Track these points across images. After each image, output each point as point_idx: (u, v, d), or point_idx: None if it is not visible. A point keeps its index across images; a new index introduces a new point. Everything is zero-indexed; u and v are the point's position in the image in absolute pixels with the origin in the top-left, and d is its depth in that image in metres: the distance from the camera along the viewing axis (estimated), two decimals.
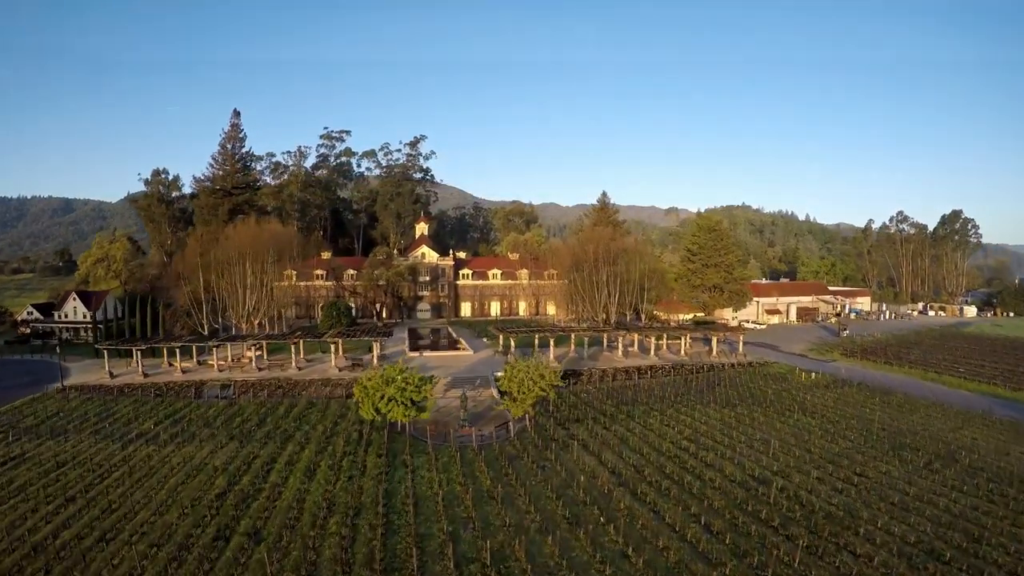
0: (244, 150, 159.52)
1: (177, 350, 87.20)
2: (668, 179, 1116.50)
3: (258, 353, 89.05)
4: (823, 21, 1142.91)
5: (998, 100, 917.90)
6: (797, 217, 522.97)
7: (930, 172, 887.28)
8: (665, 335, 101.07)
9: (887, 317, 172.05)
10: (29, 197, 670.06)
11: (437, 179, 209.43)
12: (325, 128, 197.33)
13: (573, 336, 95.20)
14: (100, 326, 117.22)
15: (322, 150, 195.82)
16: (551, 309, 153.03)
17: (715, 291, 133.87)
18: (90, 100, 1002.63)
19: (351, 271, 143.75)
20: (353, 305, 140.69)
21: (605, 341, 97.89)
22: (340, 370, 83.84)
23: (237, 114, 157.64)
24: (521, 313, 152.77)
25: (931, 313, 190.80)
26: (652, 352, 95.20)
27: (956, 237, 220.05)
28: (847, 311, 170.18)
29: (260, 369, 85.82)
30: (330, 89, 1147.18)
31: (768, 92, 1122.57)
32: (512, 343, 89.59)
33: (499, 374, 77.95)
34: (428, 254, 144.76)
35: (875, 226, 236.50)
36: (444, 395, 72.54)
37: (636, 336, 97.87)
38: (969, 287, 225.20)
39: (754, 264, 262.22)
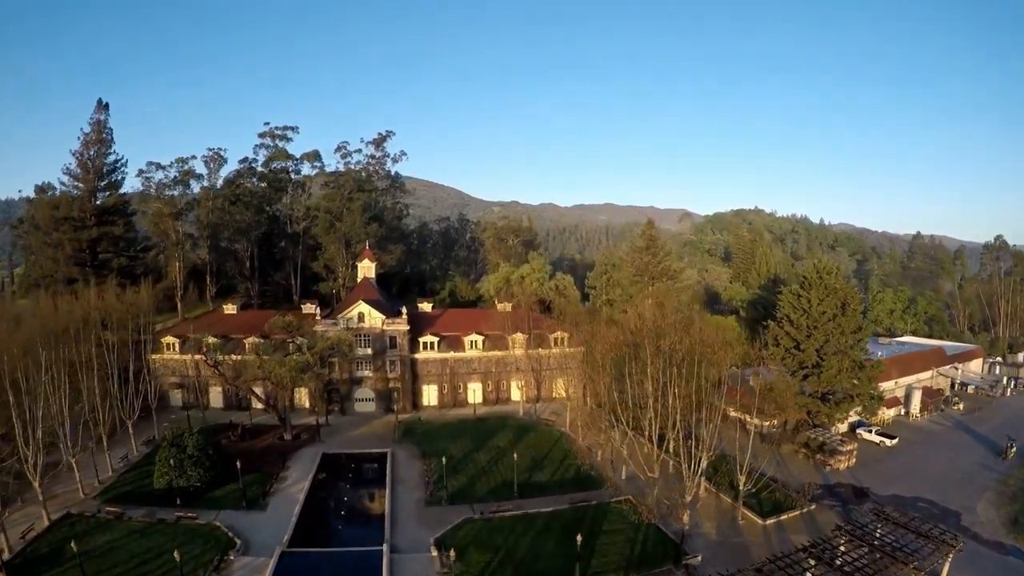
0: (110, 158, 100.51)
1: None
2: (668, 178, 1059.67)
3: None
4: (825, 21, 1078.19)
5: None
6: (810, 220, 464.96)
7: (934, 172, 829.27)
8: None
9: (1010, 388, 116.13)
10: (16, 199, 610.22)
11: (432, 180, 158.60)
12: (266, 124, 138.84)
13: None
14: None
15: (262, 152, 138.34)
16: (560, 389, 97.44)
17: (843, 399, 77.76)
18: (78, 98, 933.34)
19: (252, 341, 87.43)
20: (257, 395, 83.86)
21: None
22: None
23: (103, 107, 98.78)
24: (514, 398, 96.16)
25: None
26: None
27: None
28: (959, 383, 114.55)
29: None
30: (309, 87, 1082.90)
31: (773, 90, 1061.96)
32: None
33: None
34: (369, 315, 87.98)
35: (898, 230, 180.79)
36: None
37: None
38: None
39: None
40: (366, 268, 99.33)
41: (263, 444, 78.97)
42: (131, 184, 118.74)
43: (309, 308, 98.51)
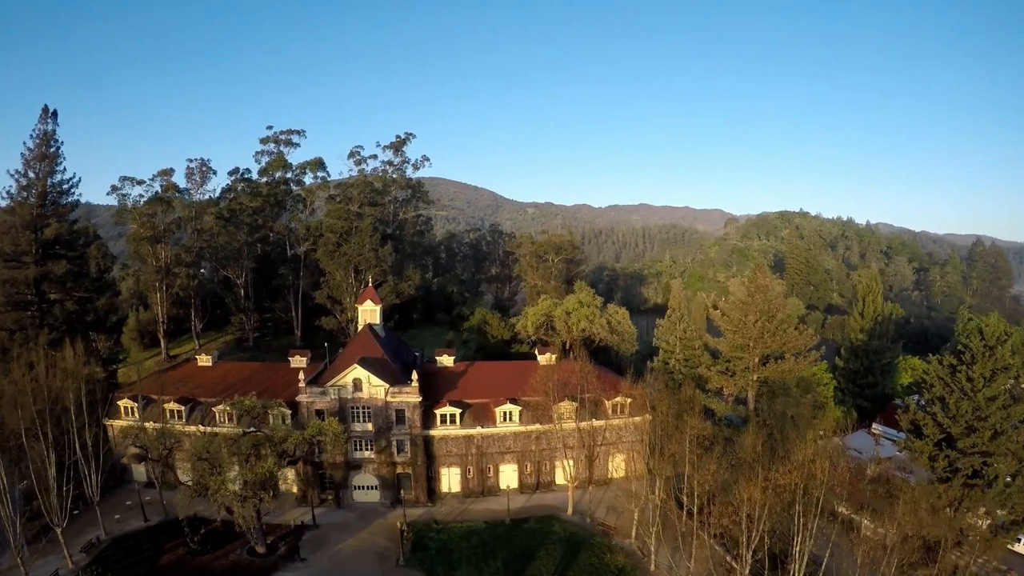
0: (58, 178, 78.75)
1: None
2: (704, 176, 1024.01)
3: None
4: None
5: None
6: (856, 222, 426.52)
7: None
8: None
9: None
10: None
11: (466, 182, 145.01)
12: (269, 128, 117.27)
13: None
14: None
15: (264, 159, 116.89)
16: (618, 468, 73.55)
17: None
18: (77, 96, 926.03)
19: (221, 409, 65.72)
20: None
21: None
22: None
23: (50, 115, 76.99)
24: (559, 482, 72.21)
25: None
26: None
27: None
28: None
29: None
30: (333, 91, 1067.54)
31: (806, 88, 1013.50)
32: None
33: None
34: (368, 383, 64.69)
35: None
36: None
37: None
38: None
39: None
40: (368, 312, 75.41)
41: (226, 561, 57.45)
42: (106, 202, 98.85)
43: (299, 361, 76.24)
